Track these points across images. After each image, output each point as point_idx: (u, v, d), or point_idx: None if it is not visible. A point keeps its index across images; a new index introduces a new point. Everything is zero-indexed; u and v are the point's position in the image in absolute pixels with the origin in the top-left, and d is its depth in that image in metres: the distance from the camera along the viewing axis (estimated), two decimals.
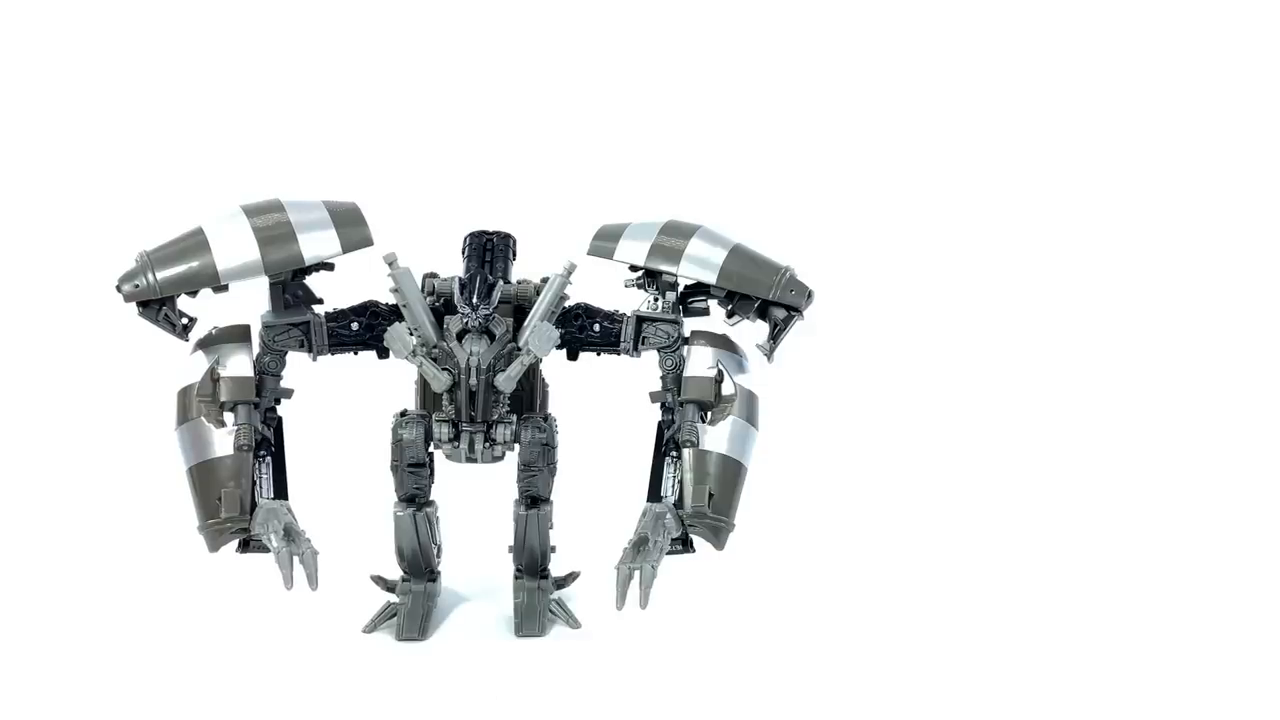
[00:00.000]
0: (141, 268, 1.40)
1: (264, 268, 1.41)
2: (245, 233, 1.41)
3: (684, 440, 1.44)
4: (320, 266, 1.45)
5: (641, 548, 1.39)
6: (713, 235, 1.52)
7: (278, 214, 1.43)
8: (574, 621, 1.56)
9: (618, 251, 1.54)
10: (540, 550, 1.55)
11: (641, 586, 1.37)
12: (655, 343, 1.51)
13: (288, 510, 1.41)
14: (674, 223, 1.54)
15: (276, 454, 1.47)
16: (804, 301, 1.49)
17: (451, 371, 1.43)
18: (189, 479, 1.41)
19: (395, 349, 1.41)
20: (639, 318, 1.51)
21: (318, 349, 1.47)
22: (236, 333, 1.46)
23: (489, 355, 1.43)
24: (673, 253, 1.51)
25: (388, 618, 1.55)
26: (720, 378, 1.48)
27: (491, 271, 1.46)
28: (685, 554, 1.44)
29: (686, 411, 1.46)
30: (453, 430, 1.45)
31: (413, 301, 1.41)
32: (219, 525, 1.38)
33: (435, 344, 1.43)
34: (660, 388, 1.51)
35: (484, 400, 1.44)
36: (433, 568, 1.58)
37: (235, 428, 1.41)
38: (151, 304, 1.41)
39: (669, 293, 1.53)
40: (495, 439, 1.46)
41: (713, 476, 1.42)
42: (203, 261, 1.40)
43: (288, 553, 1.36)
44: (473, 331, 1.43)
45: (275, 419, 1.48)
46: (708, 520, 1.41)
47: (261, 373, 1.45)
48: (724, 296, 1.52)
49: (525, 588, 1.56)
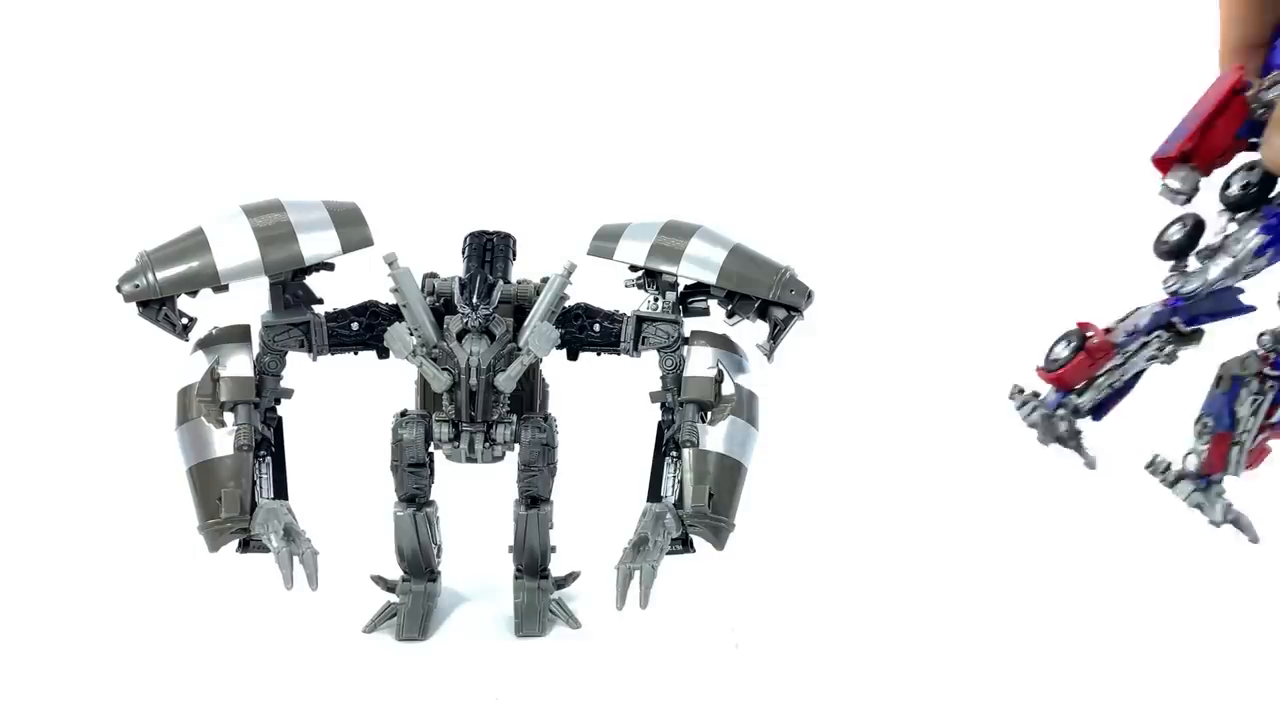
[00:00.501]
0: (141, 268, 1.40)
1: (264, 268, 1.41)
2: (245, 233, 1.41)
3: (684, 440, 1.45)
4: (320, 266, 1.45)
5: (641, 548, 1.39)
6: (713, 235, 1.52)
7: (278, 214, 1.43)
8: (574, 621, 1.56)
9: (618, 251, 1.54)
10: (540, 550, 1.55)
11: (641, 586, 1.37)
12: (655, 343, 1.51)
13: (288, 510, 1.41)
14: (674, 223, 1.54)
15: (276, 454, 1.47)
16: (804, 301, 1.49)
17: (452, 371, 1.43)
18: (189, 479, 1.41)
19: (395, 349, 1.41)
20: (639, 318, 1.51)
21: (318, 349, 1.47)
22: (236, 333, 1.46)
23: (489, 355, 1.43)
24: (673, 253, 1.51)
25: (388, 617, 1.55)
26: (720, 378, 1.48)
27: (491, 271, 1.46)
28: (685, 554, 1.45)
29: (686, 411, 1.46)
30: (453, 430, 1.46)
31: (413, 301, 1.41)
32: (219, 525, 1.38)
33: (435, 344, 1.43)
34: (660, 388, 1.52)
35: (484, 400, 1.44)
36: (433, 568, 1.58)
37: (235, 428, 1.41)
38: (152, 304, 1.41)
39: (669, 293, 1.53)
40: (495, 439, 1.47)
41: (713, 476, 1.42)
42: (203, 261, 1.40)
43: (288, 553, 1.36)
44: (473, 331, 1.43)
45: (275, 419, 1.48)
46: (708, 520, 1.41)
47: (261, 373, 1.45)
48: (724, 296, 1.52)
49: (525, 588, 1.56)
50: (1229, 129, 1.28)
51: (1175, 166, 1.29)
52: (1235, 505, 1.43)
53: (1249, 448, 1.43)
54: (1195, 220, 1.31)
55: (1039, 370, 1.41)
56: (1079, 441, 1.40)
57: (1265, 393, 1.41)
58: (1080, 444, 1.40)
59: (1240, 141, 1.29)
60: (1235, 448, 1.44)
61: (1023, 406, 1.42)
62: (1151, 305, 1.38)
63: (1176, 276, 1.32)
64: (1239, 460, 1.43)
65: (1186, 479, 1.46)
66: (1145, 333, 1.37)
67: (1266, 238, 1.28)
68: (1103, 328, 1.40)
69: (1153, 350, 1.37)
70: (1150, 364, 1.38)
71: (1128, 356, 1.38)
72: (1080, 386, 1.39)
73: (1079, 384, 1.39)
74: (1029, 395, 1.43)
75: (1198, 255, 1.31)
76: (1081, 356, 1.37)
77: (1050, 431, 1.38)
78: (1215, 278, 1.30)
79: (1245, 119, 1.28)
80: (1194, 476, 1.45)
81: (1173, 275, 1.32)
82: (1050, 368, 1.40)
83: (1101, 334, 1.39)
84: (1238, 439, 1.44)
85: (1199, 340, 1.38)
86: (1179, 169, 1.29)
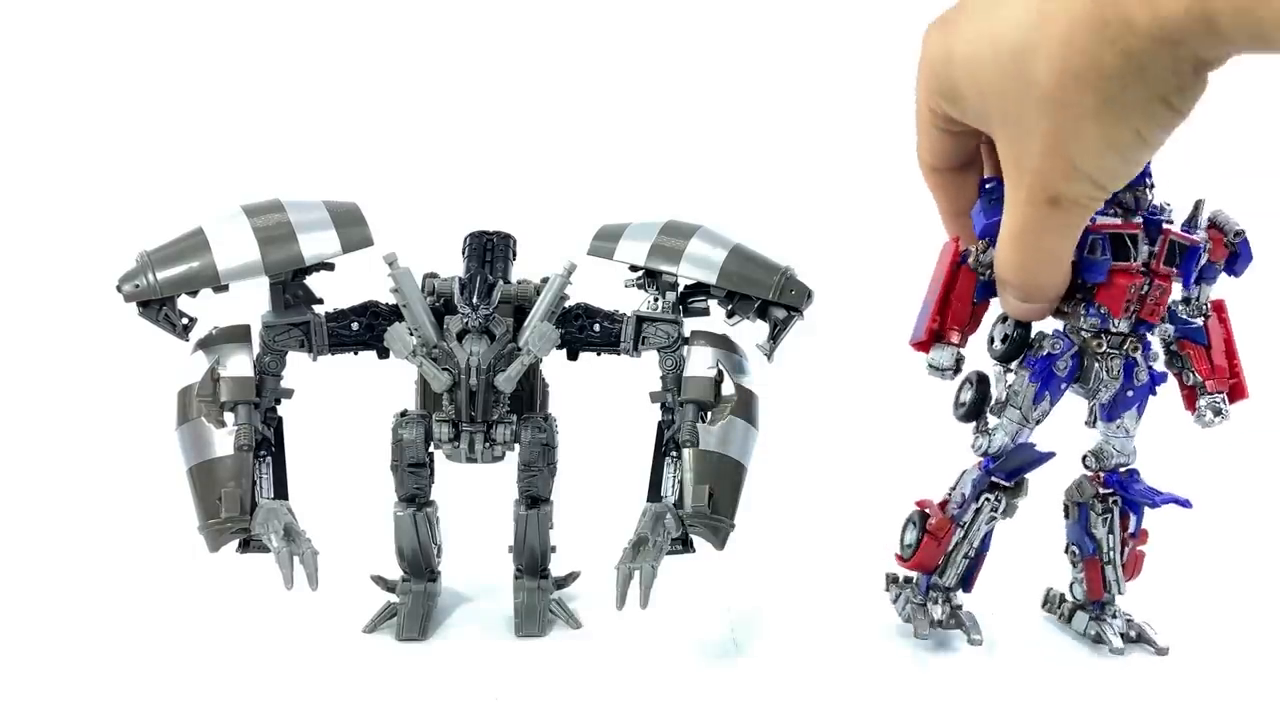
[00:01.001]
0: (142, 268, 1.40)
1: (264, 268, 1.41)
2: (245, 233, 1.41)
3: (684, 440, 1.45)
4: (320, 266, 1.45)
5: (641, 547, 1.39)
6: (712, 235, 1.52)
7: (278, 214, 1.43)
8: (574, 621, 1.56)
9: (618, 252, 1.54)
10: (540, 550, 1.55)
11: (641, 586, 1.37)
12: (655, 343, 1.51)
13: (288, 510, 1.41)
14: (674, 223, 1.54)
15: (276, 454, 1.47)
16: (804, 301, 1.49)
17: (452, 371, 1.43)
18: (189, 479, 1.41)
19: (396, 349, 1.41)
20: (639, 318, 1.51)
21: (318, 349, 1.47)
22: (237, 333, 1.46)
23: (489, 355, 1.43)
24: (673, 253, 1.51)
25: (388, 618, 1.54)
26: (720, 378, 1.48)
27: (491, 271, 1.46)
28: (685, 554, 1.45)
29: (687, 411, 1.46)
30: (453, 430, 1.46)
31: (413, 301, 1.41)
32: (219, 525, 1.38)
33: (435, 344, 1.43)
34: (660, 388, 1.52)
35: (484, 400, 1.44)
36: (433, 568, 1.58)
37: (235, 428, 1.41)
38: (152, 304, 1.41)
39: (669, 293, 1.53)
40: (495, 439, 1.47)
41: (713, 476, 1.42)
42: (203, 261, 1.40)
43: (288, 553, 1.36)
44: (473, 331, 1.43)
45: (275, 419, 1.48)
46: (708, 520, 1.41)
47: (262, 373, 1.45)
48: (724, 297, 1.52)
49: (525, 588, 1.56)
50: (965, 298, 1.40)
51: (933, 346, 1.40)
52: (1135, 618, 1.49)
53: (1121, 563, 1.51)
54: (979, 376, 1.43)
55: (897, 557, 1.54)
56: (959, 619, 1.51)
57: (1111, 509, 1.48)
58: (960, 620, 1.51)
59: (982, 304, 1.40)
60: (1108, 567, 1.52)
61: (896, 600, 1.56)
62: (970, 471, 1.50)
63: (980, 437, 1.43)
64: (1117, 579, 1.51)
65: (1081, 610, 1.55)
66: (974, 499, 1.48)
67: (1038, 384, 1.41)
68: (939, 502, 1.52)
69: (988, 513, 1.48)
70: (992, 524, 1.49)
71: (967, 527, 1.49)
72: (939, 567, 1.50)
73: (935, 566, 1.50)
74: (901, 584, 1.56)
75: (991, 410, 1.43)
76: (927, 540, 1.50)
77: (925, 622, 1.49)
78: (1011, 432, 1.42)
79: (976, 282, 1.39)
80: (1084, 605, 1.54)
81: (977, 436, 1.43)
82: (905, 555, 1.54)
83: (939, 512, 1.50)
84: (1107, 559, 1.52)
85: (1026, 490, 1.49)
86: (936, 347, 1.41)
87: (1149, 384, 1.43)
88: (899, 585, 1.57)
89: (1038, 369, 1.41)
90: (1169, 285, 1.38)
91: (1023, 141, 1.16)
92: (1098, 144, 1.10)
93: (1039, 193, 1.18)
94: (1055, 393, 1.41)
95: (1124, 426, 1.46)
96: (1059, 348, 1.41)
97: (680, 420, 1.46)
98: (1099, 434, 1.49)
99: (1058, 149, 1.12)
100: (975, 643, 1.48)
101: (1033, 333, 1.43)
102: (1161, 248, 1.36)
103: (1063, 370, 1.40)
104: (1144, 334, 1.40)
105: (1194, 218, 1.41)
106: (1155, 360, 1.43)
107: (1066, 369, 1.41)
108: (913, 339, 1.43)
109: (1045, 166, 1.15)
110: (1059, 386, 1.41)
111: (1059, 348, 1.41)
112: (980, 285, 1.40)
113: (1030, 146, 1.15)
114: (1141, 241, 1.36)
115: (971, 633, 1.49)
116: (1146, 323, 1.39)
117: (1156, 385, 1.44)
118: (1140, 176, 1.36)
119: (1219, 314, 1.45)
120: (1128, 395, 1.43)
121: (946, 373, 1.41)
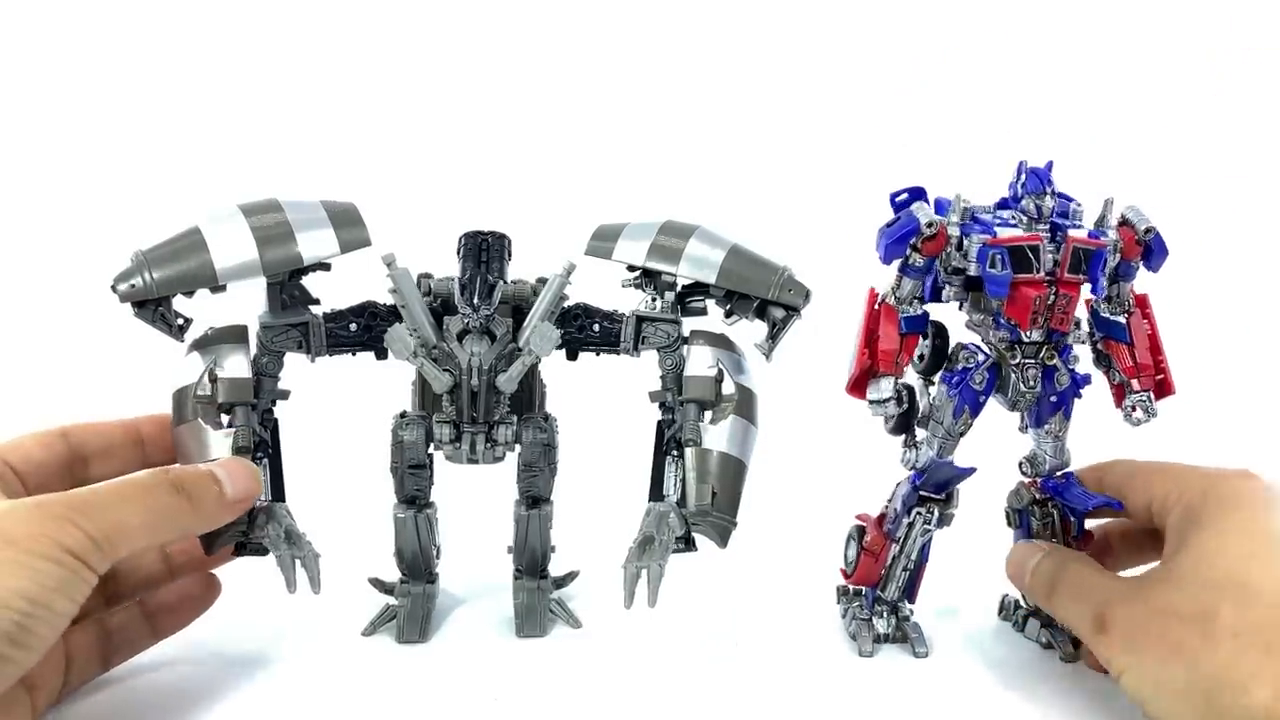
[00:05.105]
0: (137, 267, 1.38)
1: (262, 268, 1.40)
2: (243, 232, 1.40)
3: (686, 439, 1.44)
4: (318, 267, 1.44)
5: (647, 546, 1.39)
6: (711, 235, 1.52)
7: (275, 214, 1.42)
8: (574, 621, 1.56)
9: (616, 251, 1.53)
10: (540, 550, 1.55)
11: (650, 585, 1.37)
12: (655, 342, 1.51)
13: (286, 512, 1.40)
14: (672, 223, 1.54)
15: (274, 456, 1.46)
16: (802, 301, 1.49)
17: (453, 372, 1.43)
18: None
19: (395, 350, 1.41)
20: (638, 318, 1.51)
21: (316, 350, 1.46)
22: (233, 333, 1.45)
23: (490, 356, 1.43)
24: (671, 253, 1.50)
25: (387, 620, 1.54)
26: (720, 377, 1.47)
27: (490, 271, 1.45)
28: (688, 552, 1.44)
29: (688, 411, 1.46)
30: (454, 431, 1.45)
31: (412, 302, 1.40)
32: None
33: (435, 345, 1.43)
34: (660, 387, 1.51)
35: (485, 401, 1.44)
36: (432, 569, 1.58)
37: (233, 429, 1.40)
38: (147, 304, 1.39)
39: (667, 293, 1.53)
40: (496, 439, 1.46)
41: (715, 475, 1.42)
42: (200, 261, 1.39)
43: (290, 557, 1.35)
44: (473, 332, 1.43)
45: (272, 420, 1.47)
46: (711, 519, 1.41)
47: (259, 374, 1.44)
48: (722, 296, 1.51)
49: (525, 588, 1.56)
50: (891, 332, 1.42)
51: (869, 383, 1.42)
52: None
53: None
54: (907, 389, 1.44)
55: (841, 571, 1.56)
56: (904, 631, 1.52)
57: (1051, 514, 1.47)
58: (905, 633, 1.52)
59: (911, 335, 1.42)
60: None
61: (844, 616, 1.58)
62: (902, 485, 1.51)
63: (908, 450, 1.45)
64: None
65: (1033, 617, 1.56)
66: (905, 514, 1.50)
67: (957, 398, 1.42)
68: (877, 515, 1.54)
69: (920, 526, 1.50)
70: (928, 536, 1.51)
71: (903, 541, 1.51)
72: (880, 581, 1.52)
73: (876, 581, 1.53)
74: (851, 596, 1.57)
75: (919, 423, 1.45)
76: (865, 557, 1.52)
77: (868, 639, 1.50)
78: (936, 446, 1.44)
79: (898, 318, 1.42)
80: (1036, 612, 1.55)
81: (905, 450, 1.45)
82: (849, 569, 1.56)
83: (875, 527, 1.52)
84: None
85: (956, 501, 1.50)
86: (872, 383, 1.42)
87: (1072, 387, 1.43)
88: (848, 599, 1.57)
89: (954, 383, 1.42)
90: (1076, 293, 1.37)
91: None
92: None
93: None
94: (975, 406, 1.42)
95: (1052, 432, 1.46)
96: (974, 361, 1.42)
97: (682, 419, 1.46)
98: (1031, 440, 1.48)
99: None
100: (921, 655, 1.48)
101: (951, 345, 1.44)
102: (1065, 255, 1.35)
103: (979, 384, 1.41)
104: (1059, 340, 1.40)
105: (1104, 217, 1.40)
106: (1076, 363, 1.43)
107: (984, 382, 1.42)
108: (847, 385, 1.43)
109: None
110: (977, 399, 1.42)
111: (974, 361, 1.42)
112: (904, 319, 1.41)
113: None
114: (1046, 250, 1.35)
115: (917, 645, 1.49)
116: (1058, 331, 1.38)
117: (1081, 388, 1.43)
118: (1040, 184, 1.36)
119: (1143, 309, 1.43)
120: (1051, 401, 1.43)
121: (888, 404, 1.41)
